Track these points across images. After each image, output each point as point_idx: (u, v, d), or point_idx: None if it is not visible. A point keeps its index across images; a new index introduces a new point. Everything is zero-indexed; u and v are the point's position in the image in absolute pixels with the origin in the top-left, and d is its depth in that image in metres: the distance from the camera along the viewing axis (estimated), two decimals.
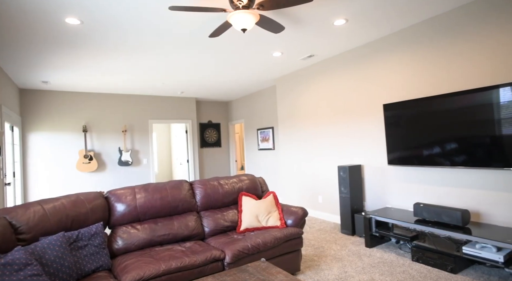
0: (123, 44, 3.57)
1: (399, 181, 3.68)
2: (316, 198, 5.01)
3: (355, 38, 3.81)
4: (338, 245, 3.61)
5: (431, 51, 3.30)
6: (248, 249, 2.46)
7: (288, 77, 5.55)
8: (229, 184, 3.20)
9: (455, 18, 3.07)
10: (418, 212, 3.11)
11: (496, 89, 2.68)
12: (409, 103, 3.41)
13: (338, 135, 4.53)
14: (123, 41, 3.47)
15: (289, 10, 2.89)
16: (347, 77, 4.33)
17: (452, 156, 3.04)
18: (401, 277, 2.70)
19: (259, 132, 7.07)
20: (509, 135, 2.61)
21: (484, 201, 2.91)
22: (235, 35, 3.48)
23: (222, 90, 6.78)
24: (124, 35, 3.29)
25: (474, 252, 2.57)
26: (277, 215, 2.99)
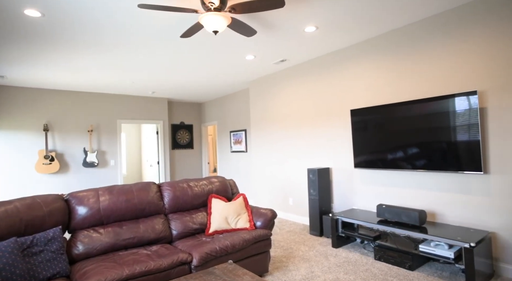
0: (89, 41, 3.42)
1: (364, 183, 3.85)
2: (287, 200, 5.10)
3: (326, 45, 3.94)
4: (306, 246, 3.70)
5: (395, 60, 3.50)
6: (216, 251, 2.45)
7: (261, 80, 5.62)
8: (199, 186, 3.17)
9: (417, 30, 3.29)
10: (380, 212, 3.27)
11: (452, 98, 2.90)
12: (374, 109, 3.58)
13: (308, 139, 4.65)
14: (89, 38, 3.33)
15: (261, 15, 2.93)
16: (318, 82, 4.47)
17: (413, 160, 3.24)
18: (364, 275, 2.82)
19: (232, 134, 7.07)
20: (463, 141, 2.83)
21: (439, 202, 3.13)
22: (208, 36, 3.47)
23: (195, 91, 6.70)
24: (90, 32, 3.16)
25: (429, 249, 2.75)
26: (246, 217, 3.00)
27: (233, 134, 7.03)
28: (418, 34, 3.27)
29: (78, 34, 3.22)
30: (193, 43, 3.65)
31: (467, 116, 2.79)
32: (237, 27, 2.74)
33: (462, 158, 2.84)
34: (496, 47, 2.72)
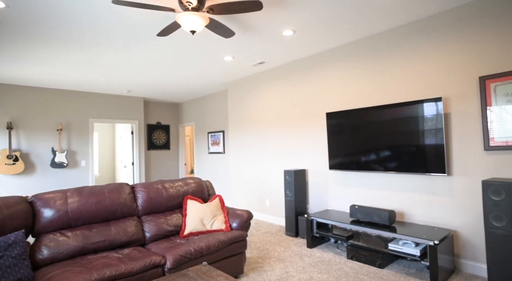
0: (59, 36, 3.27)
1: (339, 184, 3.96)
2: (263, 201, 5.12)
3: (303, 49, 4.03)
4: (282, 246, 3.74)
5: (369, 66, 3.64)
6: (190, 253, 2.41)
7: (240, 82, 5.63)
8: (174, 187, 3.12)
9: (389, 38, 3.44)
10: (353, 213, 3.38)
11: (420, 104, 3.06)
12: (349, 113, 3.70)
13: (286, 141, 4.71)
14: (60, 33, 3.18)
15: (240, 17, 2.95)
16: (296, 85, 4.55)
17: (385, 162, 3.37)
18: (337, 274, 2.90)
19: (210, 135, 7.01)
20: (430, 145, 2.99)
21: (408, 202, 3.28)
22: (186, 36, 3.43)
23: (173, 91, 6.59)
24: (60, 26, 3.02)
25: (398, 248, 2.87)
26: (222, 218, 2.99)
27: (211, 135, 6.98)
28: (390, 42, 3.42)
29: (50, 29, 3.07)
30: (170, 42, 3.60)
31: (434, 121, 2.95)
32: (215, 28, 2.74)
33: (429, 161, 3.00)
34: (456, 58, 2.90)
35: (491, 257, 2.39)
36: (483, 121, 2.72)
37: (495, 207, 2.36)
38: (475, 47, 2.80)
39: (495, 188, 2.37)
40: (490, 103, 2.68)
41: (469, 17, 2.83)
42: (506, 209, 2.31)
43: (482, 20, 2.75)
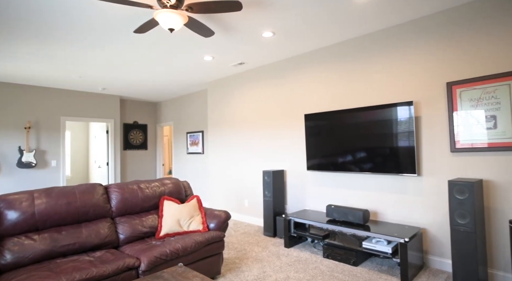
0: (32, 29, 3.11)
1: (316, 185, 4.04)
2: (242, 202, 5.12)
3: (282, 50, 4.08)
4: (260, 247, 3.75)
5: (346, 69, 3.75)
6: (166, 255, 2.37)
7: (220, 82, 5.60)
8: (151, 187, 3.05)
9: (365, 43, 3.56)
10: (329, 213, 3.45)
11: (393, 107, 3.18)
12: (326, 115, 3.79)
13: (265, 141, 4.74)
14: (31, 26, 3.02)
15: (219, 17, 2.94)
16: (275, 87, 4.59)
17: (360, 163, 3.48)
18: (313, 273, 2.95)
19: (189, 135, 6.92)
20: (403, 147, 3.12)
21: (381, 202, 3.40)
22: (164, 34, 3.38)
23: (151, 90, 6.44)
24: (31, 19, 2.87)
25: (371, 246, 2.97)
26: (199, 219, 2.96)
27: (190, 135, 6.89)
28: (365, 47, 3.54)
29: (19, 21, 2.91)
30: (148, 39, 3.52)
31: (406, 124, 3.09)
32: (194, 27, 2.72)
33: (401, 162, 3.13)
34: (426, 64, 3.05)
35: (456, 253, 2.53)
36: (450, 124, 2.87)
37: (460, 205, 2.51)
38: (443, 54, 2.96)
39: (459, 188, 2.51)
40: (456, 108, 2.84)
41: (436, 27, 2.99)
42: (469, 207, 2.46)
43: (448, 30, 2.91)
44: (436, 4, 2.81)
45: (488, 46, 2.70)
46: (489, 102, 2.65)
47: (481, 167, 2.73)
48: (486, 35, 2.70)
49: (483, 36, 2.72)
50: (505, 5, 2.60)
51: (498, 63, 2.64)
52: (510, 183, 2.58)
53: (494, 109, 2.63)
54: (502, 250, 2.63)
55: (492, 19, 2.67)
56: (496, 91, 2.61)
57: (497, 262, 2.65)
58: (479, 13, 2.74)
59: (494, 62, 2.66)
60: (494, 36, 2.66)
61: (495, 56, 2.66)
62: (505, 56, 2.60)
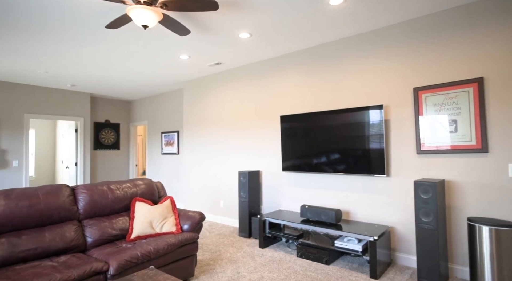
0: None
1: (291, 185, 4.09)
2: (218, 203, 5.08)
3: (259, 52, 4.11)
4: (234, 247, 3.74)
5: (322, 72, 3.84)
6: (137, 257, 2.30)
7: (196, 81, 5.53)
8: (122, 189, 2.95)
9: (341, 47, 3.67)
10: (303, 213, 3.52)
11: (365, 111, 3.30)
12: (301, 117, 3.85)
13: (241, 142, 4.74)
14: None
15: (196, 16, 2.91)
16: (252, 88, 4.61)
17: (334, 164, 3.57)
18: (286, 272, 2.98)
19: (164, 135, 6.76)
20: (374, 149, 3.24)
21: (353, 201, 3.52)
22: (138, 30, 3.28)
23: (124, 88, 6.23)
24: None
25: (342, 244, 3.06)
26: (173, 220, 2.90)
27: (165, 135, 6.74)
28: (340, 51, 3.65)
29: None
30: (121, 35, 3.41)
31: (376, 127, 3.21)
32: (169, 25, 2.67)
33: (372, 163, 3.25)
34: (395, 69, 3.21)
35: (420, 249, 2.67)
36: (416, 128, 3.03)
37: (424, 204, 2.65)
38: (411, 61, 3.12)
39: (424, 187, 2.66)
40: (422, 112, 3.00)
41: (405, 35, 3.14)
42: (432, 206, 2.60)
43: (415, 38, 3.08)
44: (404, 13, 2.96)
45: (451, 55, 2.88)
46: (451, 107, 2.83)
47: (444, 168, 2.90)
48: (449, 45, 2.89)
49: (447, 46, 2.90)
50: (466, 19, 2.79)
51: (459, 71, 2.82)
52: (468, 183, 2.77)
53: (455, 114, 2.81)
54: (460, 245, 2.81)
55: (454, 30, 2.86)
56: (457, 97, 2.80)
57: (456, 257, 2.83)
58: (443, 24, 2.92)
59: (456, 70, 2.84)
60: (456, 47, 2.85)
61: (456, 65, 2.84)
62: (465, 65, 2.79)
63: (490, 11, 2.67)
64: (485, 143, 2.66)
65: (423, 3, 2.77)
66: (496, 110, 2.64)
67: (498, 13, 2.64)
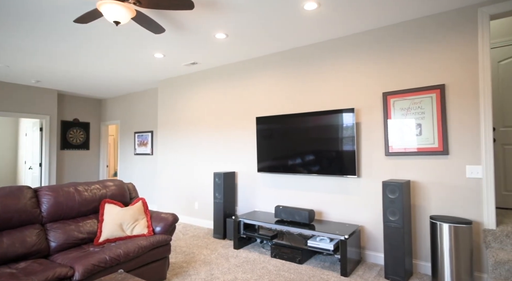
0: None
1: (266, 186, 4.13)
2: (192, 204, 5.01)
3: (236, 53, 4.11)
4: (208, 249, 3.70)
5: (298, 75, 3.91)
6: (105, 261, 2.21)
7: (171, 81, 5.43)
8: (90, 190, 2.83)
9: (316, 51, 3.76)
10: (278, 213, 3.56)
11: (339, 114, 3.40)
12: (277, 118, 3.90)
13: (217, 143, 4.71)
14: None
15: (171, 14, 2.86)
16: (229, 88, 4.60)
17: (309, 165, 3.64)
18: (260, 272, 3.00)
19: (137, 135, 6.56)
20: (346, 151, 3.34)
21: (326, 202, 3.61)
22: (110, 26, 3.17)
23: (95, 85, 5.98)
24: None
25: (315, 244, 3.13)
26: (144, 222, 2.82)
27: (138, 135, 6.54)
28: (315, 55, 3.75)
29: None
30: (91, 30, 3.27)
31: (348, 129, 3.32)
32: (143, 22, 2.60)
33: (344, 164, 3.36)
34: (366, 74, 3.34)
35: (387, 247, 2.80)
36: (385, 131, 3.18)
37: (391, 204, 2.78)
38: (380, 66, 3.26)
39: (391, 188, 2.79)
40: (390, 116, 3.15)
41: (376, 42, 3.29)
42: (399, 205, 2.74)
43: (386, 45, 3.23)
44: (373, 22, 3.10)
45: (416, 63, 3.05)
46: (416, 112, 3.00)
47: (410, 169, 3.06)
48: (415, 53, 3.06)
49: (413, 54, 3.07)
50: (427, 30, 2.97)
51: (424, 78, 3.00)
52: (431, 183, 2.94)
53: (420, 118, 2.97)
54: (423, 242, 2.98)
55: (418, 40, 3.03)
56: (422, 102, 2.97)
57: (420, 253, 2.99)
58: (409, 34, 3.09)
59: (421, 77, 3.01)
60: (421, 55, 3.02)
61: (421, 72, 3.01)
62: (429, 72, 2.97)
63: (447, 26, 2.87)
64: (446, 146, 2.84)
65: (390, 13, 2.91)
66: (455, 115, 2.83)
67: (454, 27, 2.83)
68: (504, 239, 2.52)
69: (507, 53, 3.33)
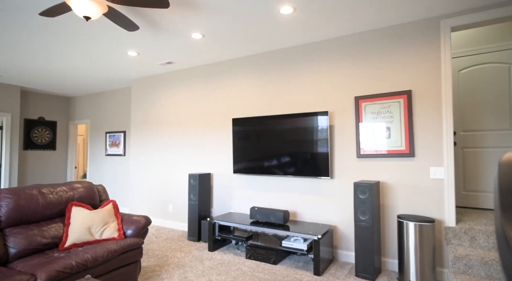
0: None
1: (242, 188, 4.13)
2: (166, 206, 4.90)
3: (213, 54, 4.09)
4: (182, 252, 3.64)
5: (275, 77, 3.96)
6: (71, 267, 2.11)
7: (146, 80, 5.29)
8: (56, 192, 2.68)
9: (292, 54, 3.83)
10: (253, 214, 3.57)
11: (314, 116, 3.48)
12: (253, 120, 3.92)
13: (192, 144, 4.65)
14: None
15: (146, 11, 2.80)
16: (205, 89, 4.56)
17: (284, 167, 3.69)
18: (235, 274, 2.99)
19: (109, 136, 6.32)
20: (320, 153, 3.42)
21: (300, 203, 3.68)
22: (81, 21, 3.04)
23: (63, 82, 5.68)
24: None
25: (289, 244, 3.17)
26: (115, 225, 2.72)
27: (110, 135, 6.30)
28: (291, 58, 3.81)
29: None
30: (60, 24, 3.12)
31: (322, 132, 3.41)
32: (115, 19, 2.52)
33: (319, 166, 3.44)
34: (339, 78, 3.46)
35: (358, 246, 2.90)
36: (356, 133, 3.30)
37: (362, 204, 2.89)
38: (352, 71, 3.39)
39: (362, 188, 2.90)
40: (361, 119, 3.28)
41: (349, 47, 3.41)
42: (369, 205, 2.85)
43: (358, 51, 3.36)
44: (347, 28, 3.21)
45: (386, 68, 3.20)
46: (385, 116, 3.14)
47: (380, 170, 3.20)
48: (385, 59, 3.21)
49: (384, 60, 3.22)
50: (397, 38, 3.13)
51: (393, 83, 3.15)
52: (398, 184, 3.09)
53: (389, 122, 3.12)
54: (391, 240, 3.12)
55: (389, 46, 3.18)
56: (390, 107, 3.11)
57: (388, 251, 3.13)
58: (380, 40, 3.23)
59: (390, 82, 3.17)
60: (390, 61, 3.18)
61: (391, 77, 3.17)
62: (398, 78, 3.12)
63: (413, 35, 3.04)
64: (412, 148, 3.00)
65: (362, 21, 3.04)
66: (420, 120, 3.00)
67: (420, 37, 3.01)
68: (463, 236, 2.71)
69: (466, 63, 3.59)
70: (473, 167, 3.52)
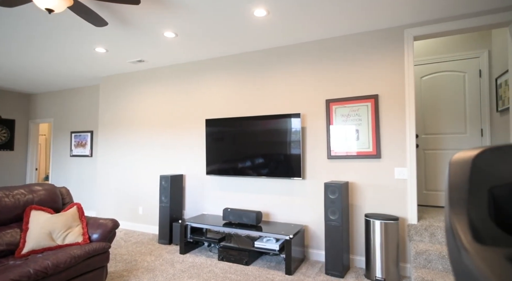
0: None
1: (215, 189, 4.09)
2: (136, 209, 4.74)
3: (186, 53, 4.03)
4: (153, 255, 3.53)
5: (249, 78, 3.97)
6: (28, 275, 1.97)
7: (115, 78, 5.09)
8: (12, 195, 2.50)
9: (267, 56, 3.86)
10: (226, 215, 3.55)
11: (287, 118, 3.54)
12: (227, 121, 3.91)
13: (164, 145, 4.54)
14: None
15: (116, 7, 2.70)
16: (178, 89, 4.48)
17: (258, 168, 3.70)
18: (207, 276, 2.96)
19: (74, 135, 5.99)
20: (293, 154, 3.48)
21: (273, 203, 3.71)
22: (43, 13, 2.87)
23: (22, 78, 5.31)
24: None
25: (262, 245, 3.20)
26: (79, 229, 2.59)
27: (76, 135, 5.98)
28: (266, 59, 3.85)
29: None
30: (19, 14, 2.92)
31: (295, 133, 3.48)
32: (82, 13, 2.41)
33: (291, 167, 3.49)
34: (311, 81, 3.55)
35: (328, 244, 2.98)
36: (327, 135, 3.40)
37: (332, 204, 2.98)
38: (324, 75, 3.49)
39: (332, 189, 2.99)
40: (332, 121, 3.38)
41: (320, 51, 3.52)
42: (338, 205, 2.95)
43: (329, 55, 3.47)
44: (317, 32, 3.31)
45: (356, 73, 3.33)
46: (354, 119, 3.27)
47: (349, 171, 3.32)
48: (354, 64, 3.34)
49: (354, 64, 3.35)
50: (364, 44, 3.28)
51: (362, 88, 3.29)
52: (366, 184, 3.23)
53: (358, 125, 3.25)
54: (359, 238, 3.24)
55: (360, 52, 3.32)
56: (359, 110, 3.25)
57: (356, 249, 3.25)
58: (348, 46, 3.36)
59: (359, 86, 3.30)
60: (359, 66, 3.31)
61: (360, 82, 3.30)
62: (367, 82, 3.27)
63: (380, 42, 3.20)
64: (379, 150, 3.14)
65: (332, 27, 3.15)
66: (386, 123, 3.16)
67: (386, 44, 3.18)
68: (423, 232, 2.88)
69: (428, 70, 3.83)
70: (433, 167, 3.76)
